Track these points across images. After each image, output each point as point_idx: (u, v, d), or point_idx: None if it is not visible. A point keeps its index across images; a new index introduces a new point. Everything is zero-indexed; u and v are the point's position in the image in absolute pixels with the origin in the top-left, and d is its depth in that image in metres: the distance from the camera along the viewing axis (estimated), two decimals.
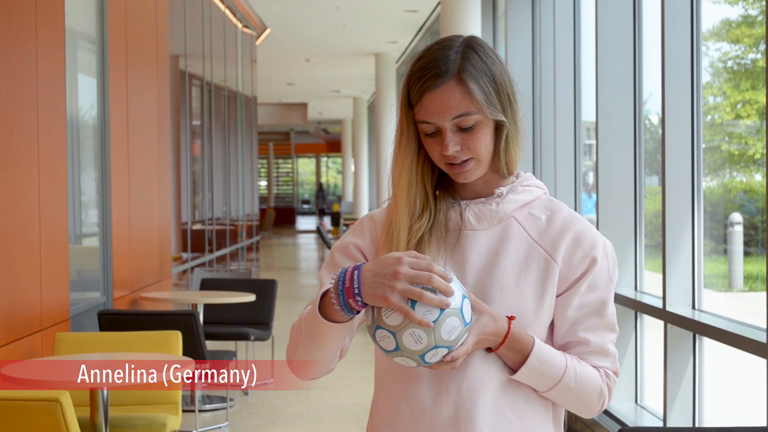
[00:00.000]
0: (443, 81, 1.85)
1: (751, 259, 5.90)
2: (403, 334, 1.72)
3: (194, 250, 10.03)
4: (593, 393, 1.91)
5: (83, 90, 6.44)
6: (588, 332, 1.91)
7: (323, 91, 26.12)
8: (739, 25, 5.54)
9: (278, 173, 40.80)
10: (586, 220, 1.95)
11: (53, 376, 4.22)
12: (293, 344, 1.90)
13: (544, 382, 1.87)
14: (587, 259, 1.90)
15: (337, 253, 1.98)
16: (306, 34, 16.48)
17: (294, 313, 12.16)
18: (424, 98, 1.86)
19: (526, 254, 1.90)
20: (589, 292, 1.90)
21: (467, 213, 1.93)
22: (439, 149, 1.88)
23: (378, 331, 1.74)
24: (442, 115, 1.85)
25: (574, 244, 1.90)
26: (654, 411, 5.62)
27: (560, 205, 1.96)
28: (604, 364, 1.92)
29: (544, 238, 1.91)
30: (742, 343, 4.18)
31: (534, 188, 1.96)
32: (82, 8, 6.44)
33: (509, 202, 1.93)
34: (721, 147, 5.66)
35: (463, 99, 1.85)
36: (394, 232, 1.91)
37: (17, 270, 4.95)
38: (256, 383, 3.23)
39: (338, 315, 1.79)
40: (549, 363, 1.86)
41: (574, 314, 1.90)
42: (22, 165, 5.05)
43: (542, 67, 7.63)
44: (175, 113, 9.02)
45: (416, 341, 1.72)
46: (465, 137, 1.87)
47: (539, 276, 1.89)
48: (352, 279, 1.75)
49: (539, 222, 1.92)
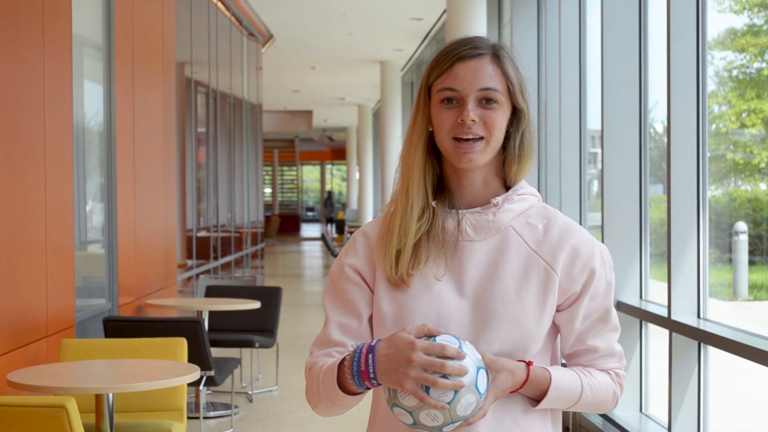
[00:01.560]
0: (480, 53, 1.88)
1: (756, 268, 5.89)
2: (420, 414, 1.74)
3: (199, 257, 10.04)
4: (608, 398, 1.95)
5: (89, 97, 6.46)
6: (596, 339, 1.93)
7: (328, 99, 26.14)
8: (744, 35, 5.55)
9: (283, 180, 40.82)
10: (581, 227, 1.96)
11: (59, 382, 4.23)
12: (312, 395, 1.92)
13: (563, 405, 1.92)
14: (587, 270, 1.90)
15: (337, 280, 1.97)
16: (311, 41, 16.50)
17: (299, 321, 12.16)
18: (456, 66, 1.87)
19: (525, 265, 1.89)
20: (592, 302, 1.91)
21: (464, 223, 1.91)
22: (453, 119, 1.86)
23: (395, 408, 1.77)
24: (471, 82, 1.86)
25: (573, 254, 1.90)
26: (659, 420, 5.61)
27: (555, 213, 1.96)
28: (614, 365, 1.96)
29: (542, 248, 1.90)
30: (748, 352, 4.17)
31: (529, 196, 1.95)
32: (88, 15, 6.46)
33: (506, 212, 1.91)
34: (726, 156, 5.66)
35: (495, 76, 1.88)
36: (403, 225, 1.90)
37: (23, 276, 4.96)
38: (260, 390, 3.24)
39: (355, 388, 1.82)
40: (567, 389, 1.89)
41: (580, 326, 1.92)
42: (29, 171, 5.06)
43: (548, 75, 7.64)
44: (181, 120, 9.04)
45: (433, 419, 1.75)
46: (484, 113, 1.87)
47: (540, 286, 1.88)
48: (367, 362, 1.77)
49: (536, 231, 1.92)
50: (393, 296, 1.90)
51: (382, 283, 1.91)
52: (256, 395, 7.74)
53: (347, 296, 1.94)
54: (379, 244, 1.93)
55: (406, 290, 1.89)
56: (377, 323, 1.92)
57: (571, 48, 7.09)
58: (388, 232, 1.92)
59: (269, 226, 29.31)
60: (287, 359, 9.16)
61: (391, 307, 1.89)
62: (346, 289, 1.95)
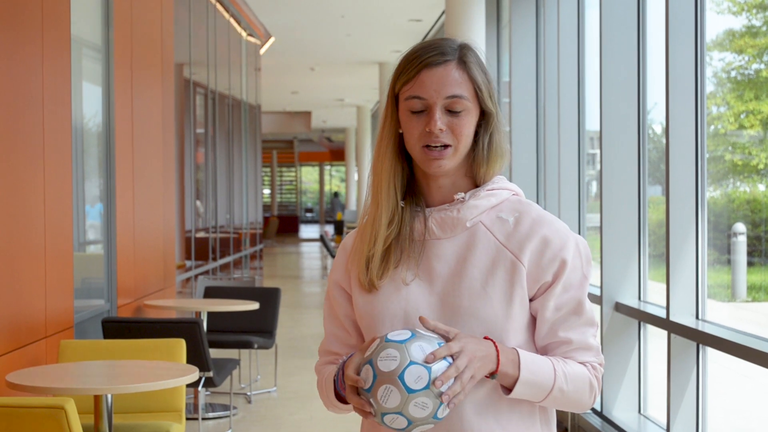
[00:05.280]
0: (445, 60, 1.88)
1: (754, 269, 5.89)
2: (408, 407, 1.76)
3: (198, 258, 10.04)
4: (585, 387, 1.91)
5: (88, 98, 6.46)
6: (568, 331, 1.91)
7: (327, 100, 26.15)
8: (743, 36, 5.55)
9: (282, 181, 40.81)
10: (558, 220, 1.94)
11: (57, 383, 4.23)
12: (323, 398, 2.02)
13: (539, 392, 1.87)
14: (557, 260, 1.89)
15: (329, 293, 2.06)
16: (310, 43, 16.51)
17: (298, 323, 12.16)
18: (422, 74, 1.88)
19: (493, 258, 1.89)
20: (564, 293, 1.90)
21: (430, 222, 1.93)
22: (421, 127, 1.88)
23: (386, 416, 1.78)
24: (438, 91, 1.87)
25: (542, 244, 1.89)
26: (657, 421, 5.61)
27: (530, 205, 1.95)
28: (589, 358, 1.93)
29: (510, 241, 1.90)
30: (746, 353, 4.18)
31: (501, 191, 1.95)
32: (87, 16, 6.46)
33: (470, 208, 1.92)
34: (725, 157, 5.66)
35: (462, 82, 1.88)
36: (373, 232, 1.94)
37: (22, 277, 4.96)
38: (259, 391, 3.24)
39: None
40: (540, 372, 1.86)
41: (552, 316, 1.90)
42: (28, 172, 5.06)
43: (546, 76, 7.64)
44: (180, 121, 9.04)
45: (423, 408, 1.76)
46: (452, 121, 1.88)
47: (506, 278, 1.88)
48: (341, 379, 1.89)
49: (507, 225, 1.92)
50: (366, 299, 1.95)
51: (356, 288, 1.97)
52: (255, 396, 7.74)
53: (336, 310, 2.04)
54: (352, 252, 1.99)
55: (376, 293, 1.94)
56: (359, 325, 2.00)
57: (570, 49, 7.09)
58: (360, 240, 1.97)
59: (268, 227, 29.31)
60: (286, 360, 9.16)
61: (364, 309, 1.95)
62: (334, 303, 2.04)
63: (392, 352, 1.76)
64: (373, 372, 1.76)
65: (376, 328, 1.93)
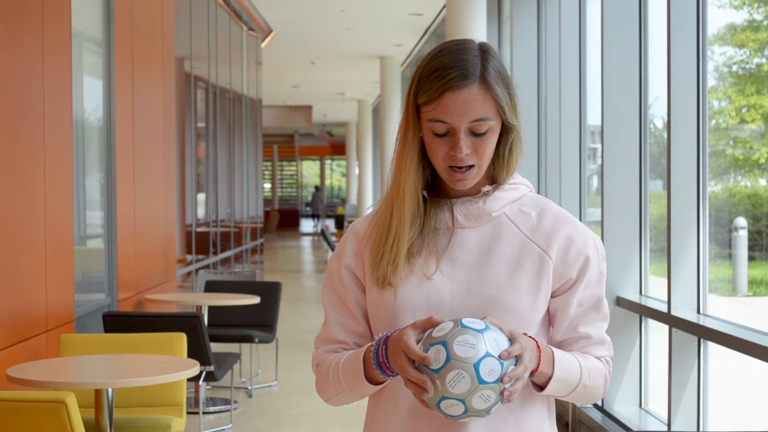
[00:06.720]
0: (468, 83, 1.85)
1: (755, 263, 5.89)
2: (473, 398, 1.75)
3: (199, 252, 10.03)
4: (601, 382, 1.96)
5: (89, 92, 6.45)
6: (588, 326, 1.95)
7: (328, 94, 26.13)
8: (744, 30, 5.54)
9: (282, 176, 40.80)
10: (574, 216, 1.99)
11: (58, 377, 4.23)
12: (327, 388, 1.98)
13: (566, 388, 1.91)
14: (581, 257, 1.93)
15: (334, 279, 2.01)
16: (311, 37, 16.49)
17: (299, 316, 12.16)
18: (445, 97, 1.85)
19: (519, 250, 1.92)
20: (586, 289, 1.94)
21: (456, 212, 1.94)
22: (445, 150, 1.88)
23: (445, 401, 1.77)
24: (461, 116, 1.85)
25: (567, 241, 1.93)
26: (658, 415, 5.62)
27: (548, 202, 1.99)
28: (604, 353, 1.98)
29: (536, 234, 1.93)
30: (747, 347, 4.18)
31: (520, 186, 1.98)
32: (88, 10, 6.45)
33: (496, 200, 1.94)
34: (726, 151, 5.66)
35: (485, 103, 1.86)
36: (396, 233, 1.92)
37: (22, 271, 4.96)
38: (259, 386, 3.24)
39: (382, 378, 1.88)
40: (569, 369, 1.90)
41: (574, 312, 1.94)
42: (28, 166, 5.06)
43: (548, 71, 7.63)
44: (180, 115, 9.03)
45: (485, 400, 1.76)
46: (476, 142, 1.88)
47: (534, 271, 1.91)
48: (385, 354, 1.84)
49: (530, 218, 1.95)
50: (382, 292, 1.93)
51: (371, 280, 1.95)
52: (256, 390, 7.74)
53: (344, 297, 2.00)
54: (370, 246, 1.97)
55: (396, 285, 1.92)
56: (372, 317, 1.97)
57: (571, 43, 7.08)
58: (379, 239, 1.95)
59: (269, 221, 29.30)
60: (287, 354, 9.17)
61: (381, 300, 1.93)
62: (342, 289, 1.99)
63: (470, 339, 1.75)
64: (447, 354, 1.75)
65: (397, 320, 1.91)
